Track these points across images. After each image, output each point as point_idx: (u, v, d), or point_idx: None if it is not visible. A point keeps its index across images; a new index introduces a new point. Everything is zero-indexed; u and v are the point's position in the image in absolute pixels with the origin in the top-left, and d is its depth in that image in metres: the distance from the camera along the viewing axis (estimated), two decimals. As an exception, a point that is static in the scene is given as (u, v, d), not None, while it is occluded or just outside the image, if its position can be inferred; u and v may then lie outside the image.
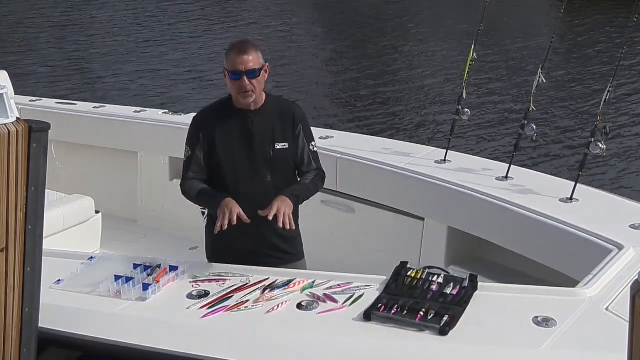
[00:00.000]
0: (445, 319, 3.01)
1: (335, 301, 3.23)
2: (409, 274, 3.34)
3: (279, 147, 3.64)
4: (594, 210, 4.12)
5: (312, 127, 3.83)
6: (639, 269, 3.30)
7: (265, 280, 3.42)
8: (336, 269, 3.62)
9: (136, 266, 3.56)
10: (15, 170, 2.74)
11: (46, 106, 6.11)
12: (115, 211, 5.64)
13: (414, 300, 3.15)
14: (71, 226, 5.03)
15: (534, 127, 4.46)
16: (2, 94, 2.84)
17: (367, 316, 3.08)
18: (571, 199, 4.20)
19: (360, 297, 3.24)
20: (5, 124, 2.74)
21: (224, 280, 3.45)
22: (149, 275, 3.48)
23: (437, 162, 4.79)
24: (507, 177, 4.52)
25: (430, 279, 3.29)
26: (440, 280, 3.28)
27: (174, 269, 3.53)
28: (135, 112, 5.90)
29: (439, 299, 3.16)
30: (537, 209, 4.10)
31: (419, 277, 3.31)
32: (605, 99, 4.17)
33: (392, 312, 3.08)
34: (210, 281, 3.45)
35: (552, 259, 4.03)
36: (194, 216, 3.95)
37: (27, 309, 2.92)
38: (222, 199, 3.50)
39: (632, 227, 3.88)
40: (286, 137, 3.66)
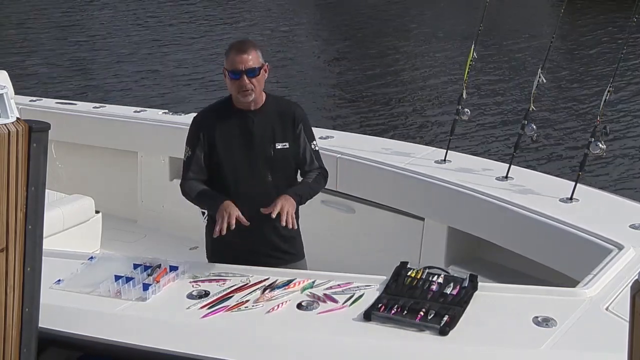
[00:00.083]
0: (445, 319, 3.01)
1: (335, 301, 3.23)
2: (409, 274, 3.34)
3: (279, 146, 3.64)
4: (594, 210, 4.12)
5: (312, 127, 3.83)
6: (639, 269, 3.30)
7: (265, 280, 3.42)
8: (336, 269, 3.62)
9: (136, 266, 3.56)
10: (15, 170, 2.74)
11: (46, 106, 6.11)
12: (115, 211, 5.64)
13: (414, 300, 3.15)
14: (71, 226, 5.03)
15: (534, 127, 4.46)
16: (2, 94, 2.84)
17: (367, 316, 3.09)
18: (571, 199, 4.20)
19: (360, 297, 3.24)
20: (5, 124, 2.74)
21: (224, 280, 3.45)
22: (149, 275, 3.48)
23: (437, 162, 4.78)
24: (507, 177, 4.52)
25: (430, 279, 3.29)
26: (440, 280, 3.28)
27: (174, 269, 3.53)
28: (135, 112, 5.90)
29: (439, 299, 3.16)
30: (537, 209, 4.11)
31: (419, 277, 3.32)
32: (605, 99, 4.17)
33: (392, 312, 3.08)
34: (210, 281, 3.45)
35: (552, 259, 4.03)
36: (194, 216, 3.95)
37: (27, 309, 2.92)
38: (221, 202, 3.50)
39: (632, 227, 3.88)
40: (286, 136, 3.66)
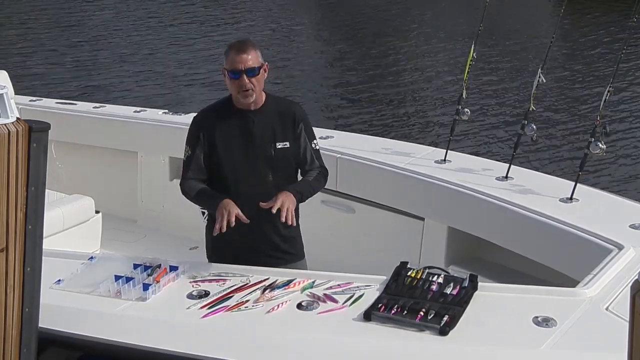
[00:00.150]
0: (445, 319, 3.01)
1: (335, 301, 3.23)
2: (409, 274, 3.34)
3: (279, 146, 3.64)
4: (594, 210, 4.12)
5: (313, 127, 3.83)
6: (639, 269, 3.30)
7: (265, 280, 3.42)
8: (336, 269, 3.62)
9: (136, 266, 3.56)
10: (15, 170, 2.74)
11: (46, 106, 6.11)
12: (115, 211, 5.64)
13: (414, 300, 3.15)
14: (71, 226, 5.03)
15: (534, 127, 4.46)
16: (2, 94, 2.84)
17: (367, 316, 3.08)
18: (571, 199, 4.20)
19: (360, 297, 3.24)
20: (5, 124, 2.74)
21: (224, 280, 3.45)
22: (149, 275, 3.48)
23: (437, 162, 4.78)
24: (507, 177, 4.52)
25: (430, 279, 3.29)
26: (440, 280, 3.28)
27: (174, 269, 3.53)
28: (135, 112, 5.90)
29: (439, 299, 3.16)
30: (537, 209, 4.11)
31: (419, 277, 3.31)
32: (605, 99, 4.17)
33: (392, 312, 3.08)
34: (210, 281, 3.45)
35: (552, 259, 4.03)
36: (194, 216, 3.94)
37: (27, 309, 2.92)
38: (221, 200, 3.50)
39: (632, 227, 3.88)
40: (287, 136, 3.66)
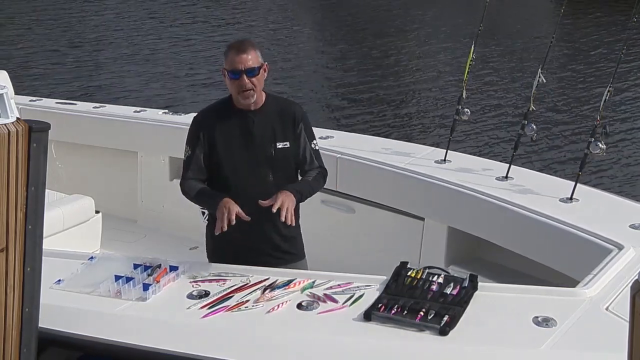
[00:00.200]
0: (445, 319, 3.01)
1: (335, 301, 3.23)
2: (409, 274, 3.34)
3: (280, 146, 3.64)
4: (594, 210, 4.12)
5: (313, 127, 3.83)
6: (639, 269, 3.30)
7: (265, 280, 3.42)
8: (336, 269, 3.62)
9: (136, 266, 3.56)
10: (15, 170, 2.74)
11: (46, 106, 6.11)
12: (115, 211, 5.64)
13: (414, 300, 3.15)
14: (71, 226, 5.03)
15: (534, 127, 4.46)
16: (2, 94, 2.84)
17: (367, 316, 3.08)
18: (571, 199, 4.20)
19: (360, 297, 3.24)
20: (5, 124, 2.73)
21: (224, 280, 3.45)
22: (149, 275, 3.47)
23: (437, 162, 4.78)
24: (507, 177, 4.52)
25: (430, 279, 3.29)
26: (440, 280, 3.28)
27: (174, 269, 3.53)
28: (135, 112, 5.90)
29: (439, 299, 3.16)
30: (537, 209, 4.10)
31: (419, 277, 3.31)
32: (605, 99, 4.17)
33: (392, 312, 3.08)
34: (210, 281, 3.45)
35: (552, 259, 4.03)
36: (194, 216, 3.95)
37: (27, 309, 2.92)
38: (221, 199, 3.50)
39: (632, 227, 3.88)
40: (287, 136, 3.66)
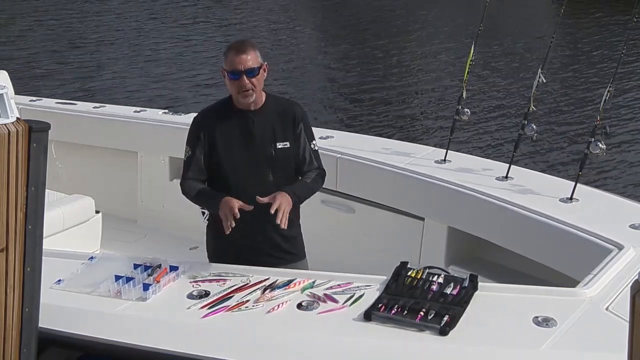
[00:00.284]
0: (445, 319, 3.01)
1: (335, 301, 3.23)
2: (409, 274, 3.34)
3: (280, 146, 3.64)
4: (594, 210, 4.12)
5: (312, 127, 3.83)
6: (639, 269, 3.30)
7: (265, 280, 3.42)
8: (336, 269, 3.62)
9: (136, 266, 3.56)
10: (15, 170, 2.74)
11: (46, 106, 6.11)
12: (115, 211, 5.64)
13: (414, 300, 3.15)
14: (71, 226, 5.03)
15: (534, 127, 4.46)
16: (2, 94, 2.84)
17: (368, 316, 3.08)
18: (571, 199, 4.20)
19: (360, 297, 3.24)
20: (5, 124, 2.73)
21: (225, 280, 3.45)
22: (149, 275, 3.48)
23: (437, 162, 4.78)
24: (507, 177, 4.52)
25: (430, 279, 3.29)
26: (440, 280, 3.28)
27: (174, 269, 3.53)
28: (135, 112, 5.90)
29: (439, 299, 3.16)
30: (537, 209, 4.10)
31: (419, 277, 3.31)
32: (605, 99, 4.17)
33: (393, 312, 3.08)
34: (210, 281, 3.45)
35: (552, 259, 4.03)
36: (194, 216, 3.94)
37: (27, 309, 2.92)
38: (221, 199, 3.50)
39: (632, 227, 3.87)
40: (287, 136, 3.66)
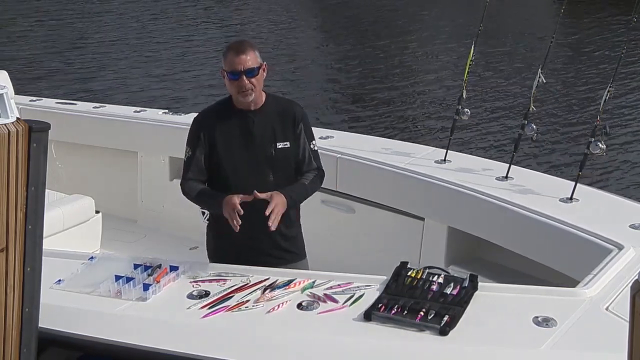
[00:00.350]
0: (445, 319, 3.01)
1: (335, 301, 3.23)
2: (409, 274, 3.34)
3: (280, 146, 3.64)
4: (594, 210, 4.12)
5: (313, 127, 3.83)
6: (639, 269, 3.30)
7: (265, 280, 3.42)
8: (336, 269, 3.62)
9: (136, 266, 3.56)
10: (15, 170, 2.74)
11: (46, 106, 6.11)
12: (115, 211, 5.64)
13: (414, 300, 3.15)
14: (71, 226, 5.03)
15: (534, 127, 4.46)
16: (2, 94, 2.84)
17: (368, 316, 3.08)
18: (571, 199, 4.20)
19: (360, 297, 3.24)
20: (5, 124, 2.74)
21: (225, 280, 3.45)
22: (149, 275, 3.48)
23: (437, 162, 4.78)
24: (507, 177, 4.52)
25: (430, 279, 3.29)
26: (440, 280, 3.28)
27: (174, 269, 3.53)
28: (135, 112, 5.90)
29: (439, 299, 3.16)
30: (537, 209, 4.10)
31: (419, 277, 3.31)
32: (605, 99, 4.17)
33: (393, 312, 3.08)
34: (210, 281, 3.45)
35: (552, 259, 4.03)
36: (194, 216, 3.95)
37: (27, 309, 2.92)
38: (222, 199, 3.50)
39: (632, 227, 3.87)
40: (287, 136, 3.66)
